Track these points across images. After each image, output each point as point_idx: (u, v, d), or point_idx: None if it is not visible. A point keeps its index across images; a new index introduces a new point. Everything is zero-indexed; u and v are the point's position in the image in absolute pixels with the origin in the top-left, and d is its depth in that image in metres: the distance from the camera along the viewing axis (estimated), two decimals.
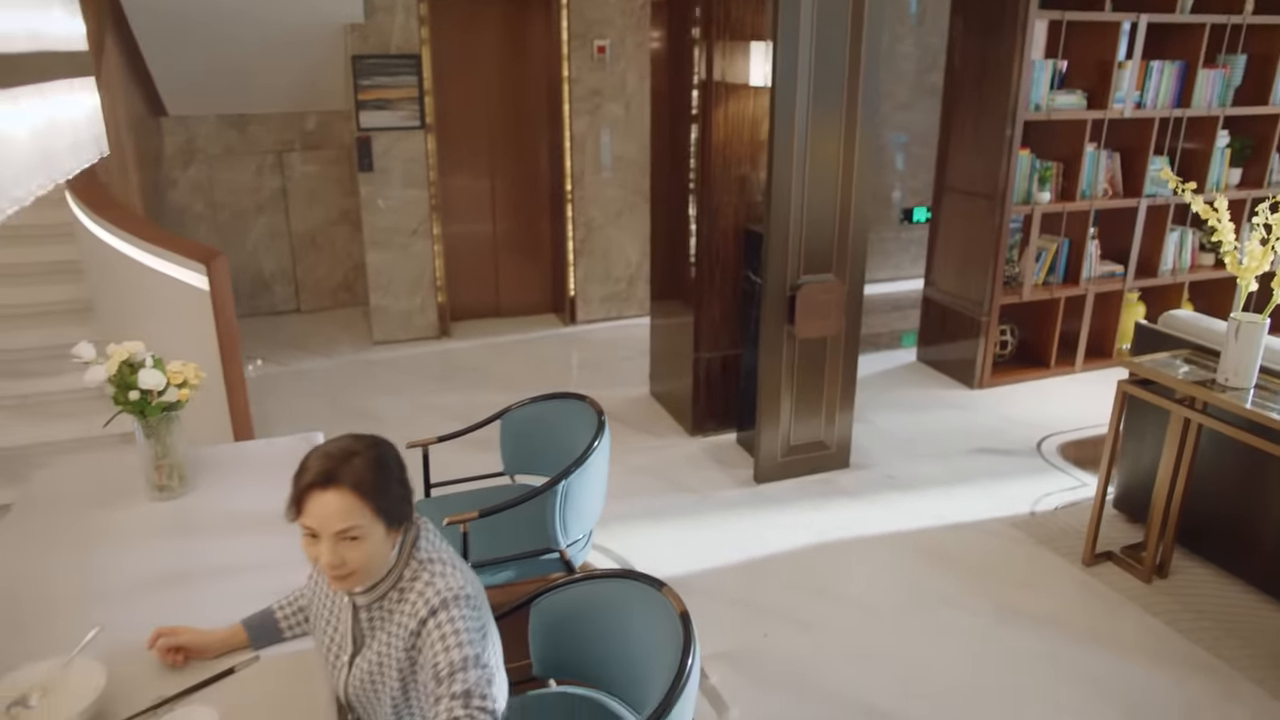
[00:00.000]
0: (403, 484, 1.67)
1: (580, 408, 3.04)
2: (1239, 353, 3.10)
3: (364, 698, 1.72)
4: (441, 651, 1.60)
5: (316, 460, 1.62)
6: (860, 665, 3.10)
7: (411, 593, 1.66)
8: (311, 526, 1.61)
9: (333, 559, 1.59)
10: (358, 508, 1.59)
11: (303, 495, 1.61)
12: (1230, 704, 2.91)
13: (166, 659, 1.88)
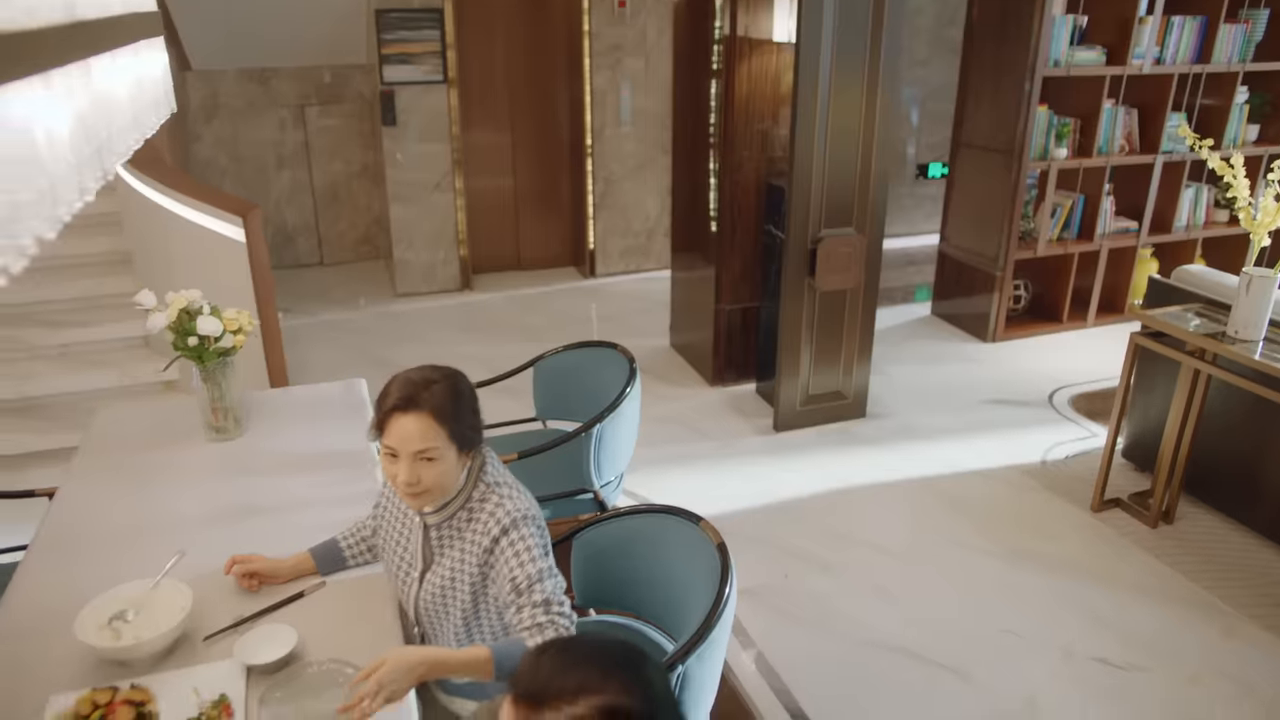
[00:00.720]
0: (474, 413, 1.82)
1: (611, 355, 3.17)
2: (1250, 306, 3.20)
3: (433, 612, 1.87)
4: (518, 566, 1.76)
5: (399, 386, 1.76)
6: (878, 604, 3.25)
7: (482, 513, 1.80)
8: (392, 446, 1.75)
9: (409, 477, 1.74)
10: (435, 431, 1.73)
11: (386, 417, 1.76)
12: (1229, 640, 3.07)
13: (242, 584, 2.03)
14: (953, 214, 5.80)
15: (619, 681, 1.14)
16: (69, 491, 2.49)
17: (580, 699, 1.12)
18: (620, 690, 1.14)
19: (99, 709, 1.69)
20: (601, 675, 1.15)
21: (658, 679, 1.19)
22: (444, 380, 1.78)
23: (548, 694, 1.13)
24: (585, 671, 1.15)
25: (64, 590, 2.04)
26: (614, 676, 1.15)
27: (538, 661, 1.18)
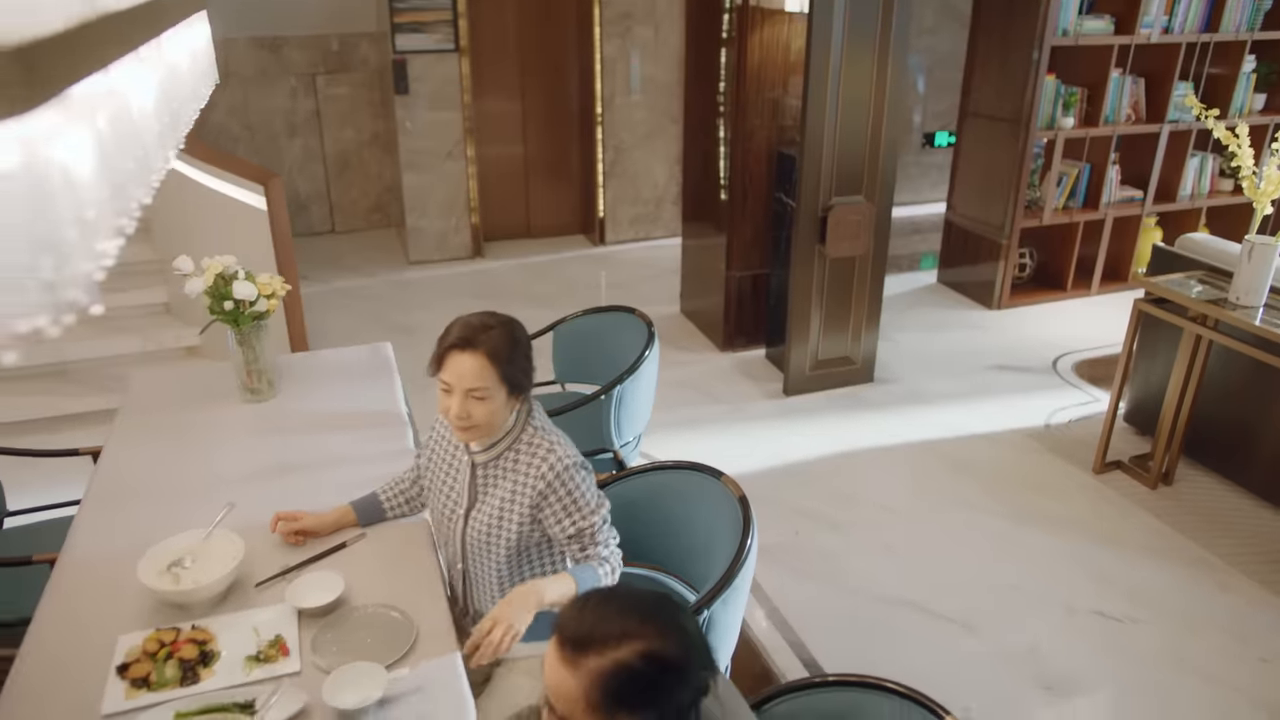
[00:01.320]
0: (527, 359, 1.94)
1: (630, 320, 3.26)
2: (1251, 273, 3.29)
3: (478, 549, 1.99)
4: (575, 512, 1.92)
5: (459, 327, 1.90)
6: (887, 561, 3.37)
7: (533, 456, 1.93)
8: (448, 381, 1.89)
9: (461, 411, 1.87)
10: (488, 371, 1.86)
11: (444, 354, 1.90)
12: (1224, 594, 3.19)
13: (288, 539, 2.14)
14: (959, 183, 5.86)
15: (657, 628, 1.25)
16: (113, 450, 2.59)
17: (623, 644, 1.23)
18: (658, 636, 1.24)
19: (165, 647, 1.80)
20: (641, 622, 1.25)
21: (691, 626, 1.30)
22: (501, 326, 1.91)
23: (593, 639, 1.24)
24: (626, 620, 1.26)
25: (120, 541, 2.15)
26: (652, 623, 1.26)
27: (582, 611, 1.29)
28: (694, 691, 1.27)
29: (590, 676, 1.22)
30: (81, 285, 0.79)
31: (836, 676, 1.74)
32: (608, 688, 1.22)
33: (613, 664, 1.22)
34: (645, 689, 1.23)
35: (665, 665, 1.24)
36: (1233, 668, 2.87)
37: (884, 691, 1.68)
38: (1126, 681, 2.83)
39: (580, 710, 1.23)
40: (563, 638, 1.26)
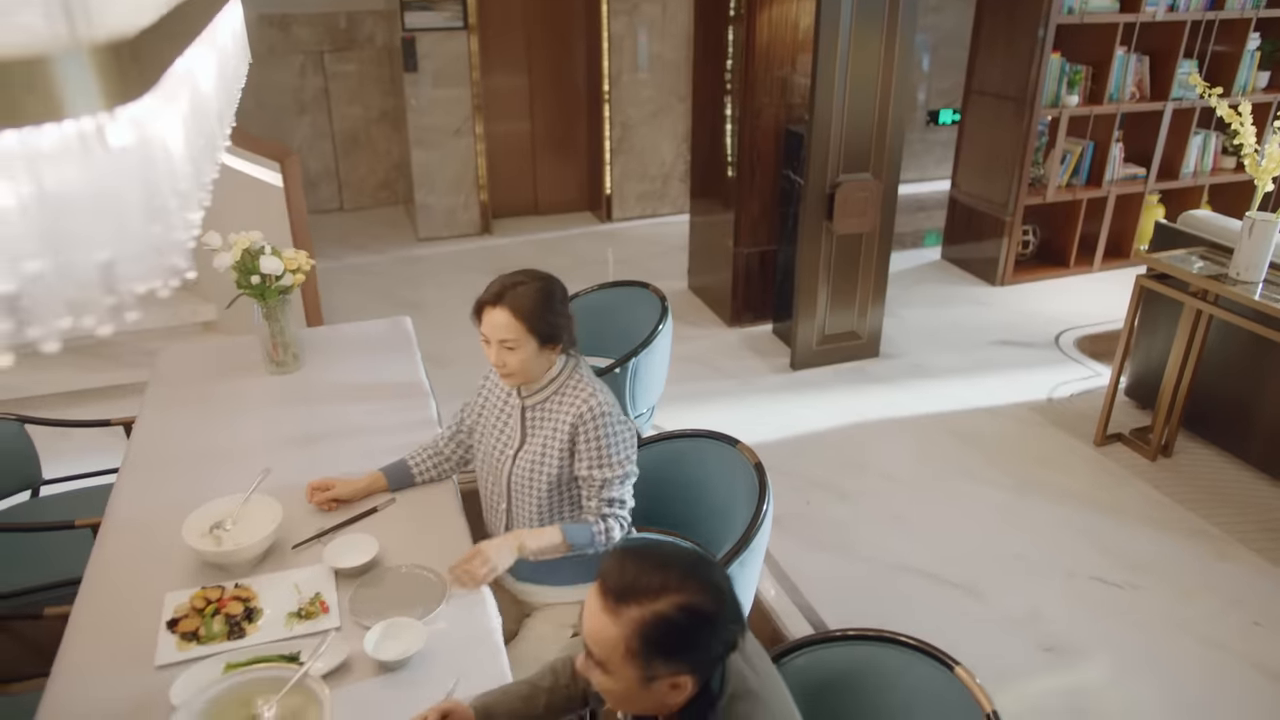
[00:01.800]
0: (558, 313, 2.06)
1: (643, 294, 3.34)
2: (1251, 249, 3.36)
3: (521, 486, 2.13)
4: (602, 462, 2.05)
5: (495, 284, 2.06)
6: (895, 530, 3.47)
7: (576, 397, 2.07)
8: (484, 334, 2.06)
9: (496, 360, 2.04)
10: (514, 325, 2.01)
11: (480, 309, 2.06)
12: (1222, 562, 3.28)
13: (321, 506, 2.23)
14: (964, 160, 5.91)
15: (695, 583, 1.33)
16: (146, 420, 2.68)
17: (662, 597, 1.31)
18: (695, 590, 1.32)
19: (211, 604, 1.89)
20: (680, 577, 1.33)
21: (724, 583, 1.38)
22: (532, 283, 2.05)
23: (634, 591, 1.32)
24: (666, 574, 1.33)
25: (160, 505, 2.24)
26: (691, 579, 1.33)
27: (623, 563, 1.36)
28: (724, 644, 1.35)
29: (630, 625, 1.30)
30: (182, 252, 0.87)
31: (851, 631, 1.83)
32: (646, 637, 1.30)
33: (652, 615, 1.30)
34: (681, 639, 1.31)
35: (700, 618, 1.31)
36: (1228, 632, 2.97)
37: (895, 645, 1.77)
38: (1125, 644, 2.93)
39: (618, 656, 1.32)
40: (605, 588, 1.34)
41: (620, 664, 1.32)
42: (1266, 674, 2.81)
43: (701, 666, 1.34)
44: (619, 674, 1.33)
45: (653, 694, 1.34)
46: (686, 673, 1.32)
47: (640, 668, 1.31)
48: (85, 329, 0.73)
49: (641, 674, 1.32)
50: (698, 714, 1.36)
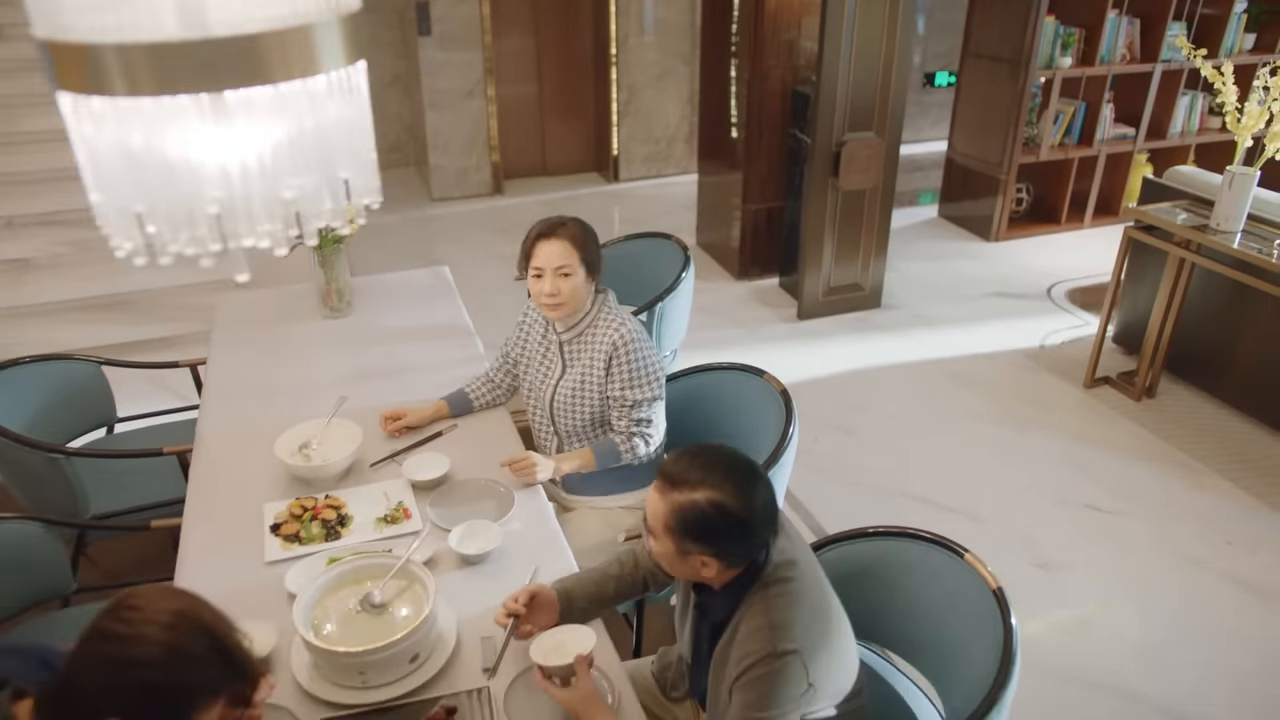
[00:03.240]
0: (598, 246, 2.33)
1: (667, 244, 3.58)
2: (1231, 201, 3.60)
3: (566, 411, 2.39)
4: (632, 384, 2.31)
5: (541, 223, 2.34)
6: (899, 463, 3.74)
7: (609, 326, 2.33)
8: (539, 266, 2.29)
9: (551, 289, 2.27)
10: (571, 252, 2.27)
11: (533, 244, 2.32)
12: (1199, 491, 3.57)
13: (393, 433, 2.47)
14: (960, 121, 6.13)
15: (731, 485, 1.56)
16: (216, 360, 2.92)
17: (699, 489, 1.55)
18: (729, 492, 1.55)
19: (307, 511, 2.14)
20: (720, 478, 1.57)
21: (761, 492, 1.58)
22: (574, 220, 2.35)
23: (679, 479, 1.57)
24: (710, 473, 1.57)
25: (243, 432, 2.49)
26: (728, 481, 1.56)
27: (683, 456, 1.61)
28: (752, 544, 1.57)
29: (671, 506, 1.56)
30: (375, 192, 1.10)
31: (871, 529, 2.09)
32: (680, 518, 1.55)
33: (688, 501, 1.55)
34: (706, 528, 1.55)
35: (726, 515, 1.54)
36: (1204, 550, 3.26)
37: (912, 539, 2.04)
38: (1112, 562, 3.21)
39: (661, 528, 1.57)
40: (662, 473, 1.59)
41: (662, 534, 1.58)
42: (1238, 585, 3.10)
43: (725, 555, 1.56)
44: (662, 542, 1.58)
45: (688, 565, 1.59)
46: (711, 556, 1.56)
47: (675, 542, 1.56)
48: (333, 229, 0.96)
49: (677, 547, 1.57)
50: (742, 585, 1.61)
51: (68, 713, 1.27)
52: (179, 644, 1.29)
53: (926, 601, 2.00)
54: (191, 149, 0.84)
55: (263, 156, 0.84)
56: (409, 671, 1.71)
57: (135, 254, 0.90)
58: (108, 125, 0.86)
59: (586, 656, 1.62)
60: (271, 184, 0.87)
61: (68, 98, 0.87)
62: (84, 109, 0.86)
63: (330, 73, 0.89)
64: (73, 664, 1.29)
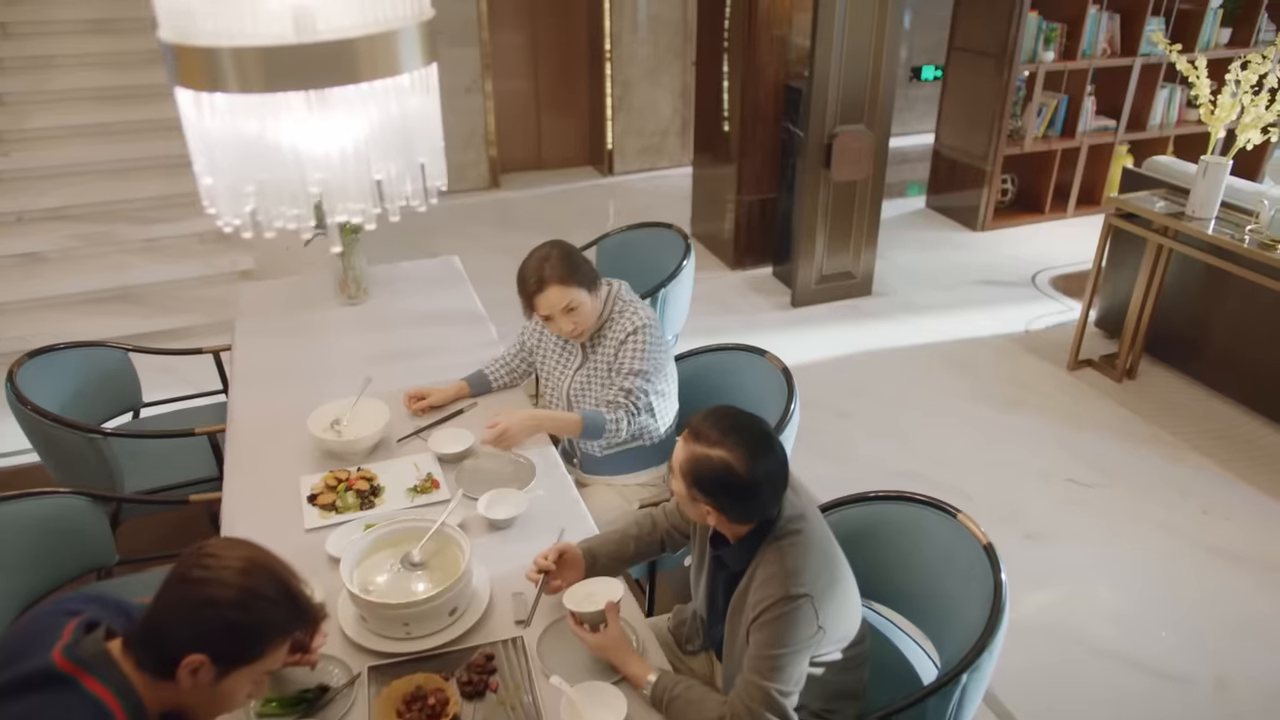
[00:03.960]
0: (584, 260, 2.44)
1: (667, 233, 3.72)
2: (1205, 189, 3.78)
3: (579, 393, 2.54)
4: (630, 359, 2.44)
5: (529, 274, 2.41)
6: (891, 443, 3.90)
7: (623, 317, 2.46)
8: (545, 314, 2.41)
9: (568, 327, 2.41)
10: (566, 290, 2.37)
11: (531, 299, 2.42)
12: (1176, 465, 3.75)
13: (416, 412, 2.61)
14: (946, 115, 6.29)
15: (743, 449, 1.70)
16: (241, 346, 3.04)
17: (716, 448, 1.70)
18: (740, 459, 1.69)
19: (342, 482, 2.28)
20: (735, 441, 1.71)
21: (769, 466, 1.71)
22: (552, 251, 2.42)
23: (702, 433, 1.72)
24: (727, 434, 1.72)
25: (274, 412, 2.62)
26: (741, 445, 1.71)
27: (709, 413, 1.76)
28: (751, 506, 1.70)
29: (689, 455, 1.72)
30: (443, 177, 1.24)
31: (870, 493, 2.25)
32: (694, 467, 1.71)
33: (701, 455, 1.70)
34: (712, 483, 1.70)
35: (731, 477, 1.68)
36: (1179, 519, 3.44)
37: (908, 501, 2.19)
38: (1094, 532, 3.39)
39: (680, 472, 1.74)
40: (689, 424, 1.75)
41: (680, 477, 1.75)
42: (1211, 551, 3.28)
43: (725, 510, 1.71)
44: (679, 483, 1.76)
45: (697, 509, 1.76)
46: (713, 508, 1.71)
47: (687, 487, 1.73)
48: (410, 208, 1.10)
49: (688, 491, 1.74)
50: (757, 538, 1.76)
51: (155, 649, 1.41)
52: (253, 587, 1.44)
53: (922, 560, 2.16)
54: (298, 137, 0.98)
55: (358, 143, 0.98)
56: (449, 624, 1.86)
57: (243, 229, 1.04)
58: (222, 118, 0.99)
59: (616, 603, 1.77)
60: (364, 167, 1.01)
61: (188, 94, 1.00)
62: (202, 104, 0.99)
63: (412, 72, 1.03)
64: (158, 605, 1.43)
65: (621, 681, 1.73)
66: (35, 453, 2.84)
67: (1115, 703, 2.71)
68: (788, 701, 1.63)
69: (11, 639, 1.47)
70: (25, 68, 5.45)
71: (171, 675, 1.40)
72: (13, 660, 1.40)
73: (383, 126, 1.01)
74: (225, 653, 1.42)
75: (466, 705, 1.70)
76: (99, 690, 1.38)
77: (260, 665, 1.46)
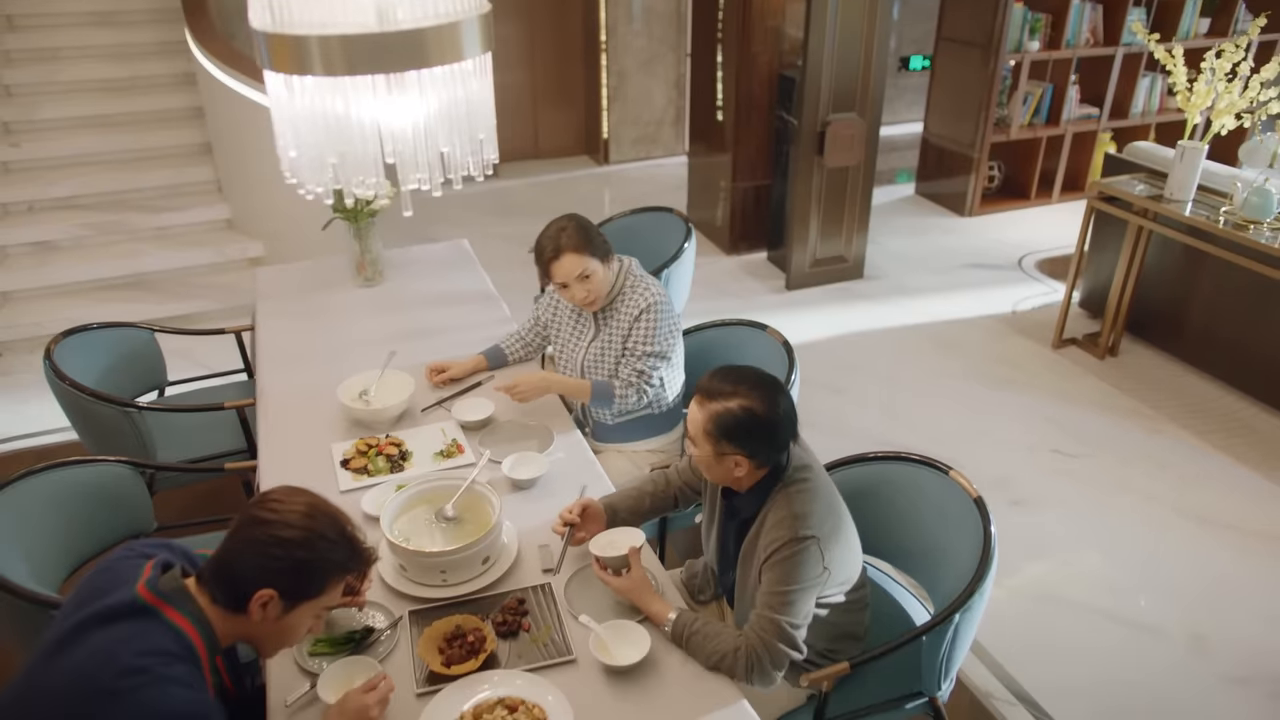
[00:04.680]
0: (599, 233, 2.57)
1: (668, 217, 3.87)
2: (1182, 172, 3.95)
3: (594, 364, 2.67)
4: (644, 340, 2.58)
5: (546, 243, 2.55)
6: (884, 418, 4.06)
7: (633, 294, 2.60)
8: (561, 280, 2.53)
9: (582, 295, 2.54)
10: (581, 259, 2.51)
11: (547, 267, 2.55)
12: (1154, 435, 3.93)
13: (437, 384, 2.75)
14: (934, 103, 6.46)
15: (758, 395, 1.87)
16: (264, 326, 3.18)
17: (732, 399, 1.85)
18: (758, 400, 1.86)
19: (372, 448, 2.43)
20: (748, 389, 1.87)
21: (784, 402, 1.90)
22: (569, 223, 2.56)
23: (715, 391, 1.87)
24: (740, 385, 1.88)
25: (301, 385, 2.77)
26: (756, 391, 1.87)
27: (717, 373, 1.91)
28: (777, 445, 1.87)
29: (709, 414, 1.86)
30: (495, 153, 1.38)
31: (869, 454, 2.41)
32: (718, 423, 1.85)
33: (723, 409, 1.85)
34: (738, 431, 1.85)
35: (755, 419, 1.84)
36: (1158, 486, 3.62)
37: (903, 461, 2.36)
38: (1078, 499, 3.56)
39: (701, 434, 1.87)
40: (699, 388, 1.90)
41: (702, 440, 1.87)
42: (1187, 516, 3.46)
43: (755, 454, 1.86)
44: (701, 447, 1.88)
45: (723, 466, 1.89)
46: (744, 456, 1.86)
47: (713, 444, 1.86)
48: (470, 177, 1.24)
49: (714, 449, 1.87)
50: (767, 485, 1.92)
51: (228, 585, 1.55)
52: (316, 528, 1.59)
53: (917, 515, 2.32)
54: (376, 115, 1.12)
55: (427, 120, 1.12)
56: (482, 571, 2.01)
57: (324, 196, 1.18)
58: (310, 98, 1.13)
59: (638, 549, 1.92)
60: (433, 141, 1.15)
61: (279, 77, 1.14)
62: (293, 86, 1.13)
63: (473, 58, 1.17)
64: (230, 545, 1.57)
65: (644, 620, 1.88)
66: (70, 430, 2.97)
67: (1096, 654, 2.89)
68: (798, 634, 1.79)
69: (92, 578, 1.61)
70: (32, 60, 5.55)
71: (243, 609, 1.55)
72: (98, 595, 1.54)
73: (448, 106, 1.15)
74: (291, 588, 1.57)
75: (501, 643, 1.86)
76: (179, 620, 1.52)
77: (321, 601, 1.61)
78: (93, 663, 1.44)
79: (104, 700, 1.40)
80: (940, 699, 2.16)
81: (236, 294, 4.98)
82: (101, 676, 1.42)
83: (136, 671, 1.43)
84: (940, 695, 2.15)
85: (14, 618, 2.04)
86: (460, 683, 1.75)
